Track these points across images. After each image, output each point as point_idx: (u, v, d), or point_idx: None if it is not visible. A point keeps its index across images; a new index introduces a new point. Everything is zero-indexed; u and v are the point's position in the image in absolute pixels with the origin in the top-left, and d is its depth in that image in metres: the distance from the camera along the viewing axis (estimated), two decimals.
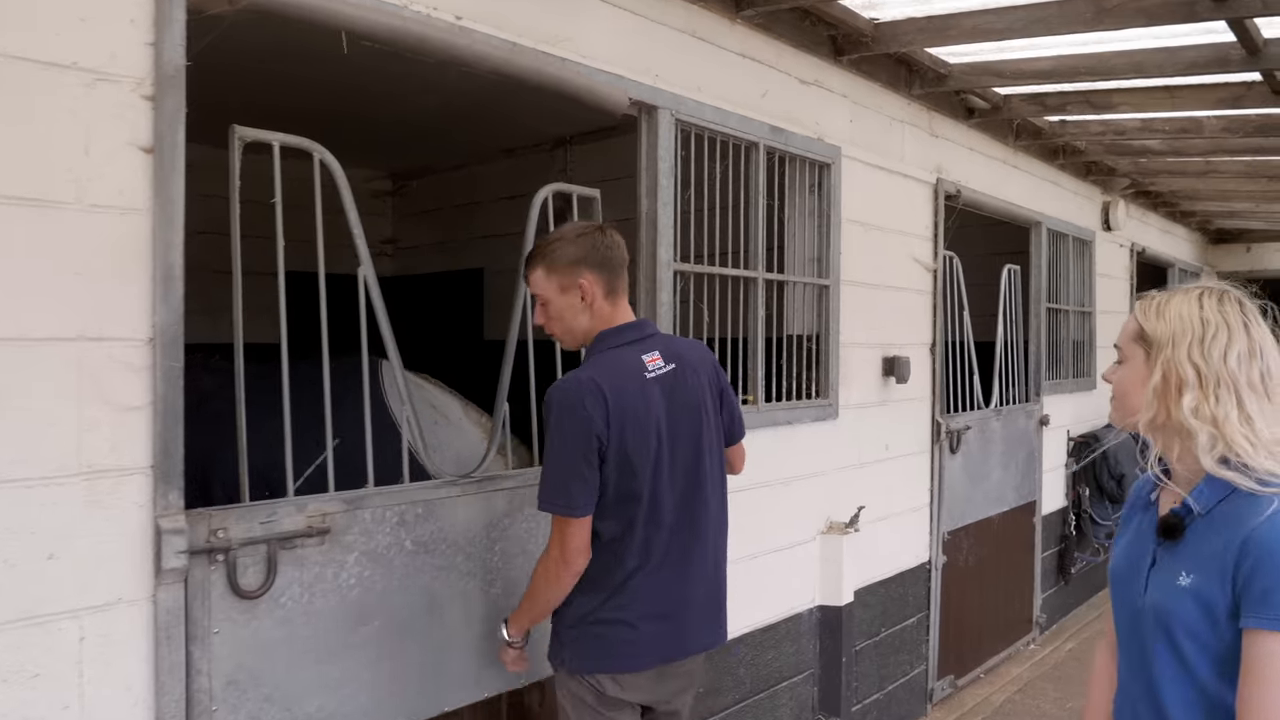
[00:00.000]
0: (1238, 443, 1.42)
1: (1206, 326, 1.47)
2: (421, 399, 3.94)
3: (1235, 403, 1.43)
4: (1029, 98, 4.75)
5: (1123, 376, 1.58)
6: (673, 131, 3.12)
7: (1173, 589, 1.45)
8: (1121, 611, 1.59)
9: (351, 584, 2.28)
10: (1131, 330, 1.57)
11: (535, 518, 2.69)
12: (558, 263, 2.25)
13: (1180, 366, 1.47)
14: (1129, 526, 1.66)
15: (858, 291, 4.13)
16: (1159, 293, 1.58)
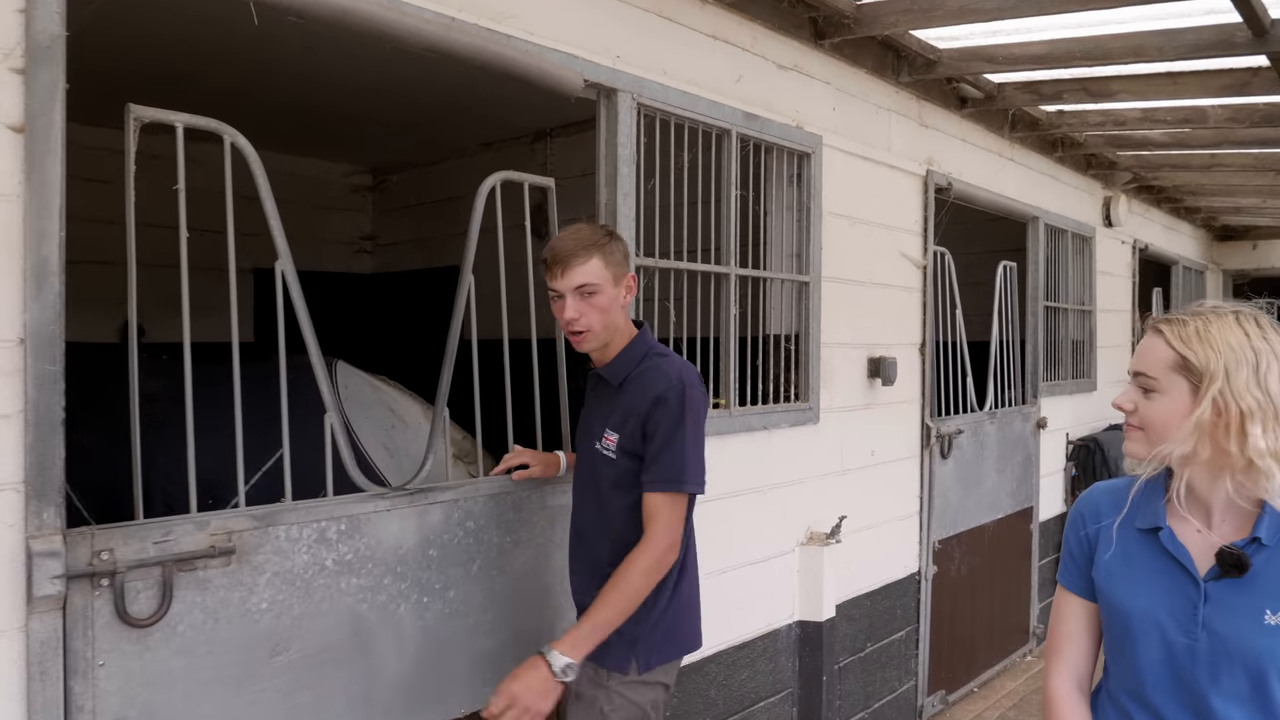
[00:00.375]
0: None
1: (1260, 356, 1.41)
2: (379, 402, 3.74)
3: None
4: (1023, 86, 4.53)
5: (1162, 409, 1.46)
6: (634, 116, 2.91)
7: (1261, 628, 1.39)
8: (1150, 649, 1.50)
9: (263, 608, 2.07)
10: (1169, 359, 1.46)
11: (479, 532, 2.49)
12: (614, 255, 2.21)
13: (1240, 399, 1.39)
14: (1120, 557, 1.56)
15: (841, 289, 3.92)
16: (1187, 316, 1.48)
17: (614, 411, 2.26)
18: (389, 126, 5.57)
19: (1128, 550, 1.55)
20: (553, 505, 2.69)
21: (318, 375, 2.27)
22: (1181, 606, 1.46)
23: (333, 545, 2.20)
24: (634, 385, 2.22)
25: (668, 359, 2.25)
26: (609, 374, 2.28)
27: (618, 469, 2.24)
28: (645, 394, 2.18)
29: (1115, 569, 1.56)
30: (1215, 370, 1.42)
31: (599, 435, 2.29)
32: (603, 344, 2.27)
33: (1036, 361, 5.56)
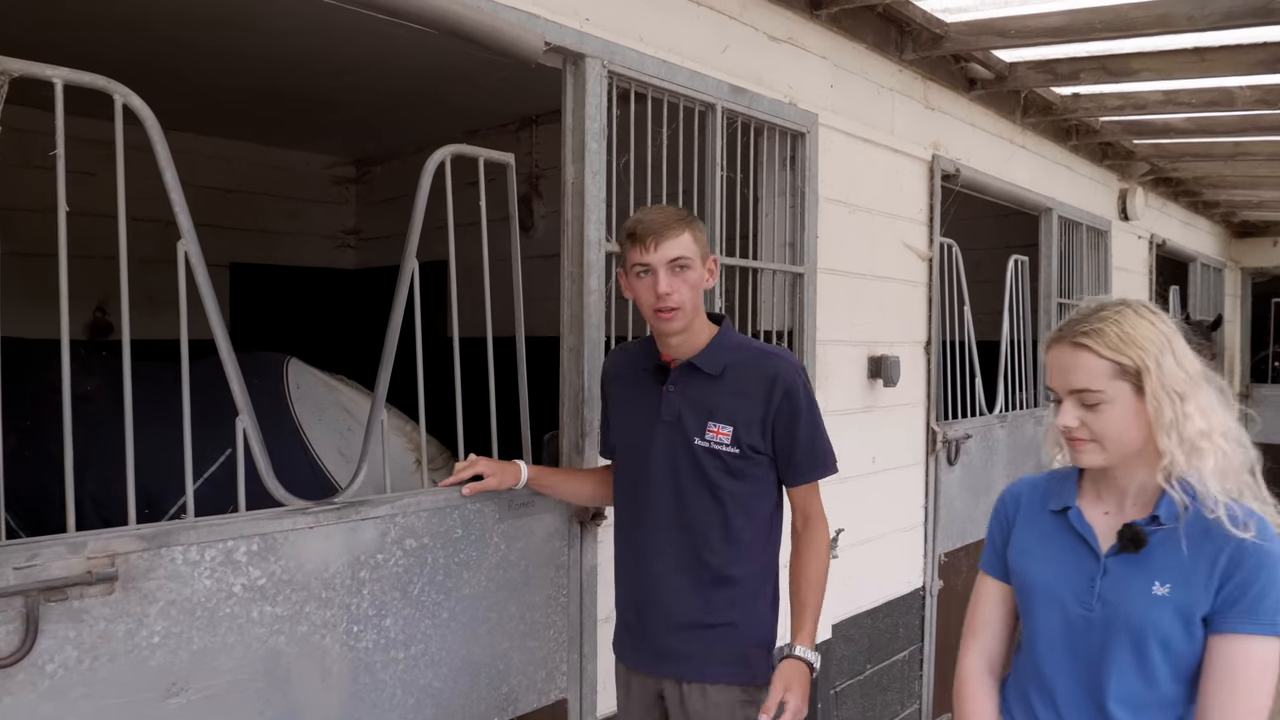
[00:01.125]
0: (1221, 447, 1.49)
1: (1170, 339, 1.50)
2: (335, 403, 3.45)
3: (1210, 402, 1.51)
4: (1037, 65, 4.21)
5: (1115, 417, 1.50)
6: (603, 85, 2.61)
7: (1147, 599, 1.49)
8: (1050, 621, 1.59)
9: (155, 643, 1.78)
10: (1105, 369, 1.49)
11: (421, 551, 2.19)
12: (702, 233, 2.13)
13: (1175, 385, 1.47)
14: (1032, 533, 1.66)
15: (839, 282, 3.61)
16: (1097, 324, 1.51)
17: (719, 403, 2.09)
18: (366, 112, 5.30)
19: (1040, 531, 1.65)
20: (510, 520, 2.39)
21: (228, 372, 1.97)
22: (1081, 580, 1.56)
23: (241, 568, 1.90)
24: (743, 375, 2.10)
25: (770, 347, 2.20)
26: (705, 363, 2.12)
27: (734, 463, 2.09)
28: (767, 384, 2.08)
29: (1028, 548, 1.66)
30: (1149, 366, 1.47)
31: (697, 429, 2.09)
32: (687, 325, 2.10)
33: None
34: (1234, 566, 1.44)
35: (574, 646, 2.56)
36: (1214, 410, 1.50)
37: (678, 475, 2.13)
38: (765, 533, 2.16)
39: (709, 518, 2.11)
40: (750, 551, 2.13)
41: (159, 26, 3.73)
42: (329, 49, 4.02)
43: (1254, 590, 1.43)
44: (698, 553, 2.12)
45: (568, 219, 2.61)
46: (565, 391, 2.62)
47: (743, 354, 2.14)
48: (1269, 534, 1.45)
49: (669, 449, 2.14)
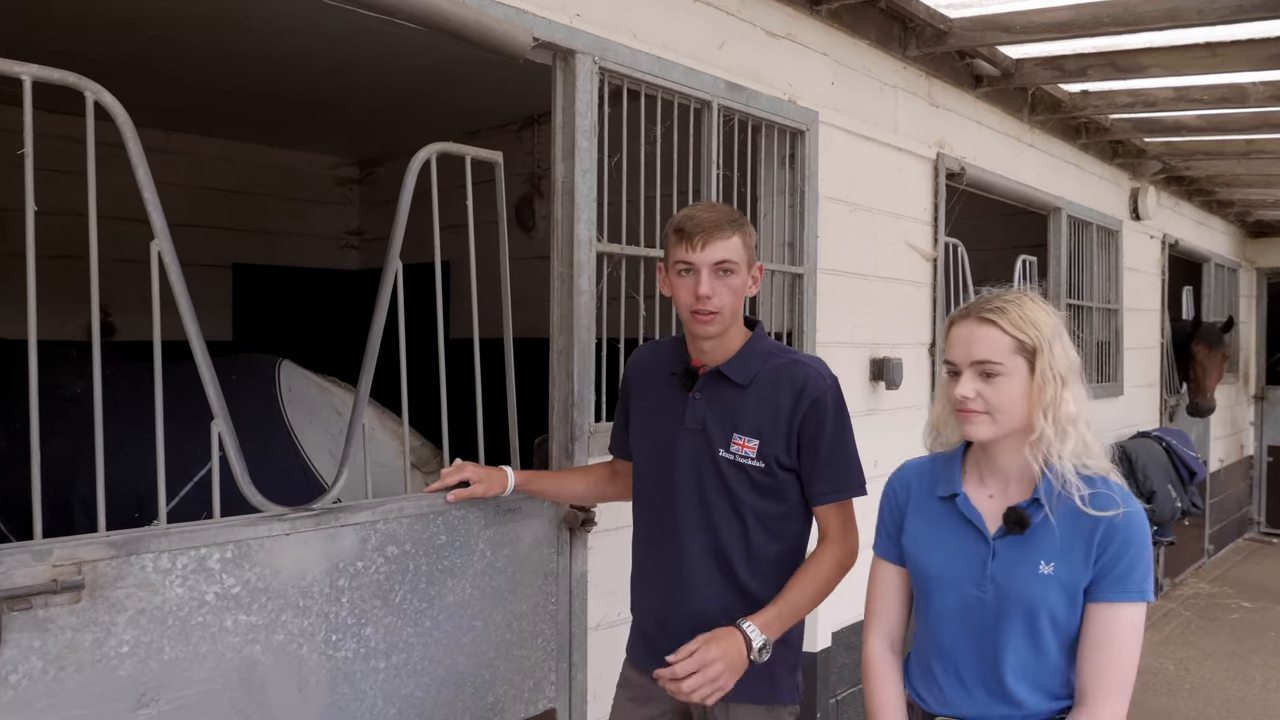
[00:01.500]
0: (1083, 436, 1.60)
1: (1058, 328, 1.63)
2: (326, 405, 3.40)
3: (1082, 392, 1.63)
4: (1045, 61, 4.14)
5: (1011, 390, 1.60)
6: (594, 82, 2.56)
7: (1035, 578, 1.60)
8: (945, 604, 1.68)
9: (124, 652, 1.74)
10: (1008, 344, 1.61)
11: (403, 559, 2.14)
12: (751, 238, 2.03)
13: (1059, 368, 1.59)
14: (922, 519, 1.74)
15: (840, 282, 3.55)
16: (1001, 304, 1.63)
17: (746, 415, 1.98)
18: (366, 112, 5.26)
19: (930, 516, 1.73)
20: (496, 526, 2.34)
21: (202, 375, 1.92)
22: (973, 563, 1.65)
23: (215, 576, 1.86)
24: (772, 386, 1.98)
25: (800, 355, 2.06)
26: (733, 371, 2.00)
27: (759, 478, 1.98)
28: (794, 395, 1.95)
29: (920, 534, 1.74)
30: (1043, 346, 1.60)
31: (722, 441, 1.98)
32: (723, 330, 2.00)
33: None
34: (1107, 541, 1.57)
35: (563, 655, 2.51)
36: (1083, 401, 1.63)
37: (702, 486, 2.02)
38: (791, 553, 2.03)
39: (731, 531, 2.00)
40: (773, 571, 2.00)
41: (150, 27, 3.70)
42: (324, 49, 3.98)
43: (1124, 562, 1.56)
44: (722, 567, 2.01)
45: (558, 218, 2.56)
46: (555, 395, 2.57)
47: (773, 363, 2.01)
48: (1135, 505, 1.59)
49: (693, 458, 2.03)
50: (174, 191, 5.98)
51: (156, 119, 5.57)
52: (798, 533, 2.05)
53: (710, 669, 1.83)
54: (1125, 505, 1.58)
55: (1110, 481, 1.61)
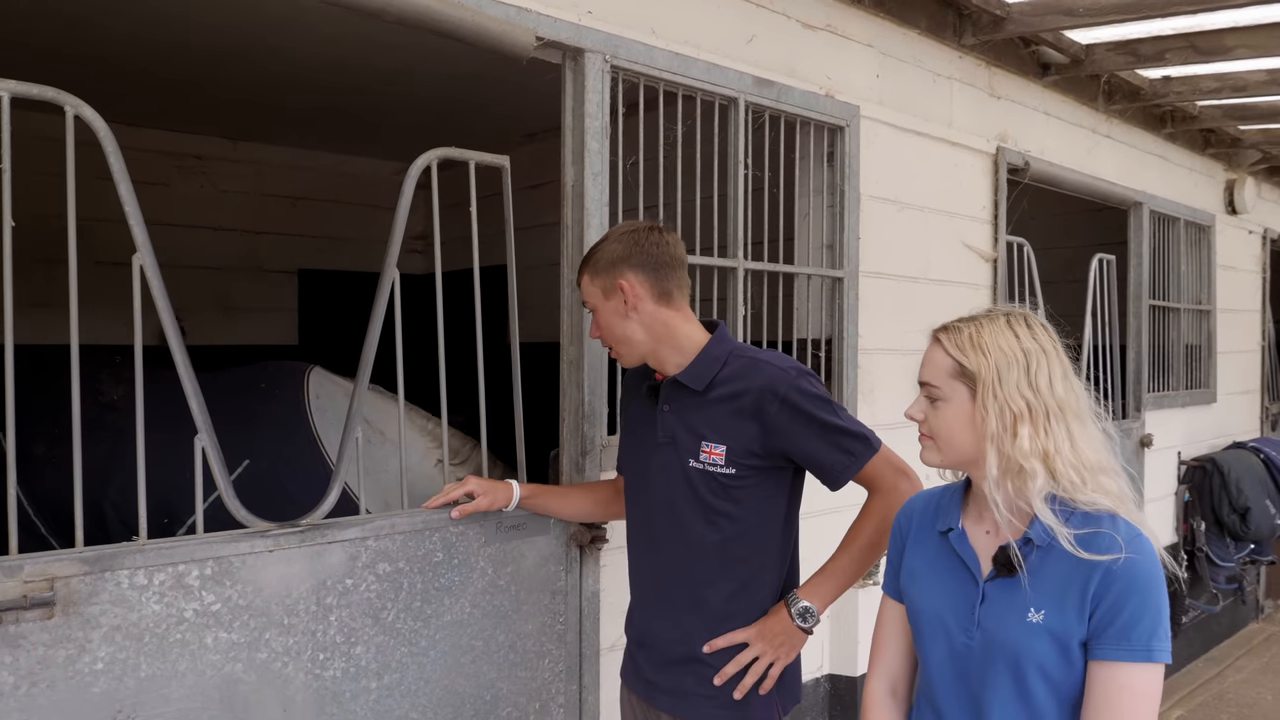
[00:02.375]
0: (1068, 476, 1.42)
1: (1030, 356, 1.46)
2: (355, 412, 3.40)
3: (1065, 432, 1.43)
4: (1117, 46, 3.86)
5: (947, 417, 1.50)
6: (605, 81, 2.46)
7: (1021, 626, 1.43)
8: (936, 649, 1.54)
9: (98, 670, 1.72)
10: (948, 366, 1.49)
11: (395, 576, 2.09)
12: (599, 264, 1.97)
13: (1011, 402, 1.44)
14: (921, 553, 1.60)
15: (886, 285, 3.37)
16: (962, 323, 1.52)
17: (710, 421, 1.92)
18: (426, 117, 5.28)
19: (928, 552, 1.59)
20: (498, 544, 2.27)
21: (185, 389, 1.90)
22: (963, 606, 1.50)
23: (194, 593, 1.83)
24: (733, 388, 1.91)
25: (762, 354, 1.97)
26: (689, 378, 1.95)
27: (730, 484, 1.91)
28: (758, 396, 1.88)
29: (916, 570, 1.59)
30: (988, 375, 1.45)
31: (691, 450, 1.93)
32: (638, 358, 2.00)
33: (1140, 369, 4.83)
34: (1103, 590, 1.37)
35: (572, 677, 2.42)
36: (1060, 436, 1.42)
37: (674, 500, 1.96)
38: (774, 563, 1.96)
39: (706, 545, 1.94)
40: (753, 585, 1.94)
41: (203, 41, 3.77)
42: (364, 57, 3.99)
43: (1125, 614, 1.36)
44: (694, 584, 1.95)
45: (567, 223, 2.48)
46: (565, 406, 2.48)
47: (733, 365, 1.94)
48: (1145, 548, 1.39)
49: (665, 473, 1.98)
50: (241, 199, 6.14)
51: (222, 129, 5.72)
52: (778, 538, 1.96)
53: (755, 647, 1.90)
54: (1130, 549, 1.37)
55: (1119, 520, 1.41)
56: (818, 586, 1.93)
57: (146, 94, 4.77)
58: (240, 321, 6.20)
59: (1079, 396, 1.46)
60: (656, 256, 1.94)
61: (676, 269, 1.97)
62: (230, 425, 3.11)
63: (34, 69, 3.99)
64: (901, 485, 1.90)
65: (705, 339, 1.98)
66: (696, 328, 2.00)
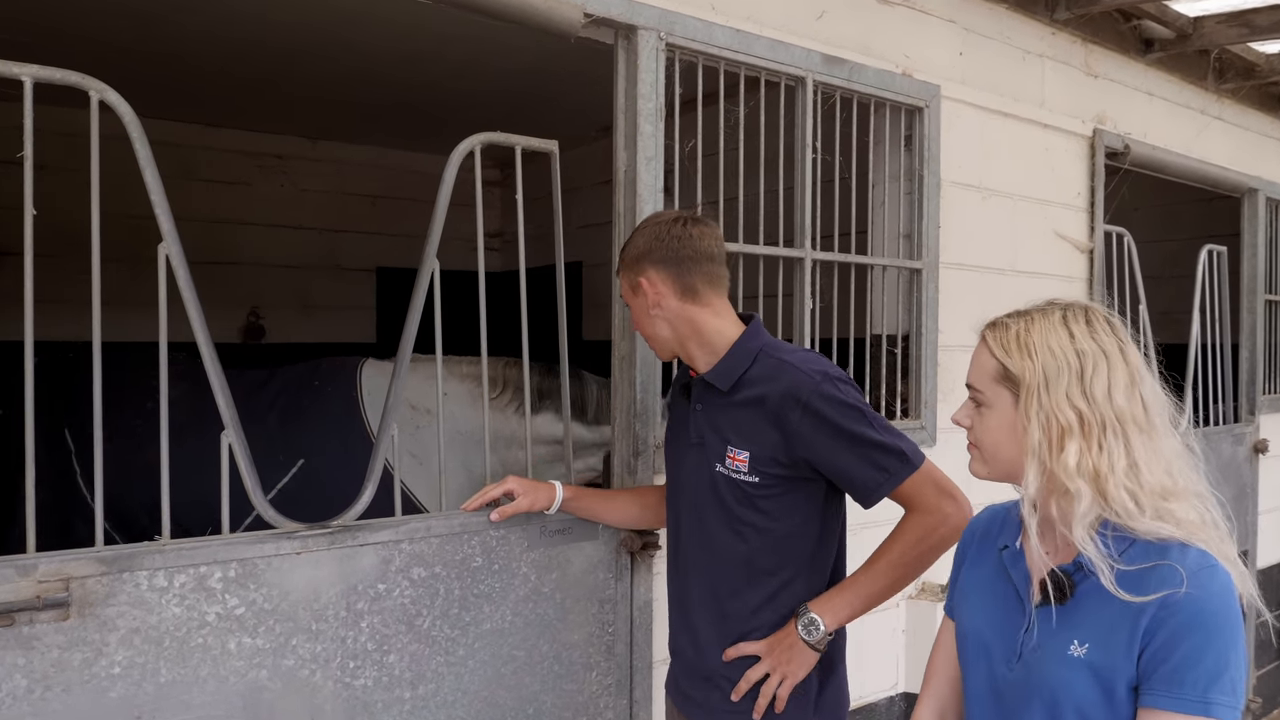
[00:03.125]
0: (1121, 501, 1.21)
1: (1084, 359, 1.25)
2: (401, 400, 3.32)
3: (1123, 448, 1.22)
4: (1228, 18, 3.54)
5: (990, 425, 1.32)
6: (660, 60, 2.32)
7: (1063, 660, 1.25)
8: (977, 678, 1.38)
9: (115, 674, 1.66)
10: (991, 369, 1.31)
11: (431, 581, 1.98)
12: (626, 259, 1.91)
13: (1060, 412, 1.23)
14: (979, 572, 1.43)
15: (969, 278, 3.14)
16: (1012, 318, 1.33)
17: (736, 424, 1.80)
18: (498, 113, 5.22)
19: (984, 571, 1.42)
20: (542, 549, 2.14)
21: (212, 383, 1.82)
22: (1009, 633, 1.34)
23: (216, 596, 1.75)
24: (758, 390, 1.79)
25: (791, 353, 1.82)
26: (716, 377, 1.84)
27: (754, 493, 1.78)
28: (780, 402, 1.74)
29: (968, 589, 1.44)
30: (1033, 380, 1.26)
31: (718, 456, 1.81)
32: (671, 353, 1.91)
33: (1254, 369, 4.45)
34: (1156, 626, 1.17)
35: (622, 691, 2.29)
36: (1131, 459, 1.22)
37: (702, 505, 1.85)
38: (806, 577, 1.81)
39: (731, 555, 1.82)
40: (781, 599, 1.80)
41: (276, 38, 3.76)
42: (435, 50, 3.93)
43: (1179, 654, 1.15)
44: (720, 595, 1.84)
45: (619, 211, 2.34)
46: (617, 404, 2.35)
47: (761, 365, 1.80)
48: (1215, 581, 1.17)
49: (696, 475, 1.87)
50: (321, 198, 6.19)
51: (300, 128, 5.77)
52: (810, 549, 1.81)
53: (766, 662, 1.78)
54: (1194, 581, 1.16)
55: (1190, 550, 1.19)
56: (830, 600, 1.78)
57: (224, 94, 4.83)
58: (319, 319, 6.26)
59: (1150, 407, 1.25)
60: (678, 251, 1.82)
61: (703, 263, 1.84)
62: (285, 424, 3.07)
63: (111, 66, 4.06)
64: (945, 507, 1.72)
65: (736, 335, 1.84)
66: (729, 323, 1.86)
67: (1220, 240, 4.37)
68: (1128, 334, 1.31)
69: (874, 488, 1.73)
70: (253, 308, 6.00)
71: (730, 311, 1.88)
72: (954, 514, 1.72)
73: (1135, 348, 1.30)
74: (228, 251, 5.78)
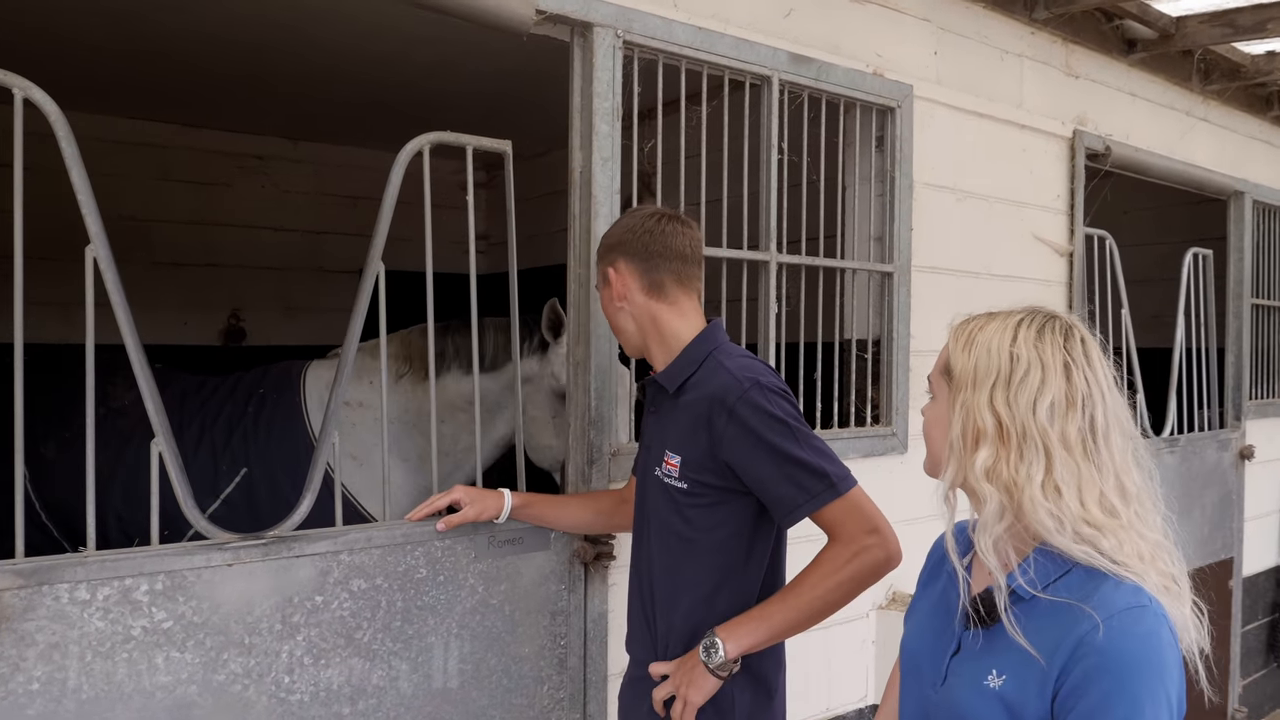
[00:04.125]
0: (1037, 518, 1.14)
1: (1016, 364, 1.19)
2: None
3: (1043, 465, 1.15)
4: (1211, 17, 3.48)
5: (930, 417, 1.31)
6: (617, 58, 2.26)
7: (978, 689, 1.18)
8: (909, 697, 1.33)
9: (34, 690, 1.60)
10: (942, 360, 1.29)
11: (372, 594, 1.92)
12: (600, 248, 1.91)
13: (979, 413, 1.19)
14: (930, 590, 1.39)
15: (943, 281, 3.08)
16: (978, 317, 1.28)
17: (672, 428, 1.76)
18: (476, 115, 5.16)
19: (935, 587, 1.37)
20: (490, 560, 2.09)
21: (141, 389, 1.77)
22: (939, 654, 1.28)
23: (143, 609, 1.70)
24: (694, 394, 1.76)
25: (732, 358, 1.76)
26: (665, 378, 1.82)
27: (683, 501, 1.73)
28: (707, 406, 1.70)
29: (918, 604, 1.41)
30: (963, 377, 1.23)
31: (658, 459, 1.78)
32: (636, 348, 1.88)
33: (1240, 374, 4.39)
34: (1073, 663, 1.09)
35: (575, 705, 2.23)
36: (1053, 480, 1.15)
37: (645, 511, 1.84)
38: (730, 594, 1.75)
39: (663, 564, 1.79)
40: (699, 615, 1.75)
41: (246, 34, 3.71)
42: (403, 52, 3.88)
43: (1090, 699, 1.07)
44: (649, 605, 1.82)
45: (575, 213, 2.29)
46: (571, 411, 2.29)
47: (705, 369, 1.76)
48: (1141, 623, 1.08)
49: (644, 480, 1.85)
50: (302, 199, 6.13)
51: (280, 128, 5.71)
52: (739, 565, 1.75)
53: (670, 684, 1.74)
54: (1113, 624, 1.07)
55: (1124, 586, 1.11)
56: (737, 626, 1.69)
57: (202, 93, 4.77)
58: (301, 322, 6.19)
59: (1093, 433, 1.17)
60: (649, 245, 1.79)
61: (673, 260, 1.80)
62: (231, 432, 3.01)
63: (85, 65, 4.01)
64: (867, 540, 1.65)
65: (692, 338, 1.80)
66: (688, 325, 1.81)
67: (1210, 244, 4.31)
68: (1088, 355, 1.22)
69: (791, 507, 1.66)
70: (233, 310, 5.94)
71: (697, 314, 1.84)
72: (875, 548, 1.65)
73: (1097, 371, 1.21)
74: (208, 253, 5.73)
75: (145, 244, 5.37)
